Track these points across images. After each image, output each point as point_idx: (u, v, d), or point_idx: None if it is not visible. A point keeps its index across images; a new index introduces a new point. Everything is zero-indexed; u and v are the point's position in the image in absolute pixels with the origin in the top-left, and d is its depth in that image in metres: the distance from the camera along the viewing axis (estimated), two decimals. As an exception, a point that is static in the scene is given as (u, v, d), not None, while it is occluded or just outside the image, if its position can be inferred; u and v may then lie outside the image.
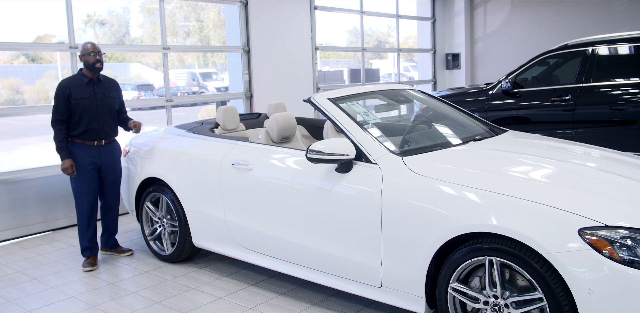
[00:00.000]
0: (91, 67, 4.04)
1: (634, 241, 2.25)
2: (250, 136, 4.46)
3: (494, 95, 6.29)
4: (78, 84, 4.03)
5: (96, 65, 4.05)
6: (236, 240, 3.67)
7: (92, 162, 4.09)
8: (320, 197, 3.11)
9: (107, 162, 4.18)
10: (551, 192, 2.55)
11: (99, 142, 4.12)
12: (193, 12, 20.67)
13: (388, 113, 6.36)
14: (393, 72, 12.51)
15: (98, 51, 4.06)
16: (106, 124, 4.14)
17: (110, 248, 4.42)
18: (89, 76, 4.08)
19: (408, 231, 2.74)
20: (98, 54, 4.05)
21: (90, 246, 4.18)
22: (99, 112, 4.07)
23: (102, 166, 4.16)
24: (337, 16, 10.16)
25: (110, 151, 4.21)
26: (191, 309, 3.36)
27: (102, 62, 4.09)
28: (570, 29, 9.10)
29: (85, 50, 4.03)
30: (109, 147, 4.20)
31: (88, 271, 4.08)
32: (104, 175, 4.21)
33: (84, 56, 4.04)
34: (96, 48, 4.06)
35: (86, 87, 4.04)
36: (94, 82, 4.10)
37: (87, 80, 4.06)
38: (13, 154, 11.22)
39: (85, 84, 4.05)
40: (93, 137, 4.09)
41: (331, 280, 3.16)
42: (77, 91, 3.99)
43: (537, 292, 2.38)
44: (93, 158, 4.09)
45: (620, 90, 5.51)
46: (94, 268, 4.11)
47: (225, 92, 11.65)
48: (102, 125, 4.11)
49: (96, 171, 4.15)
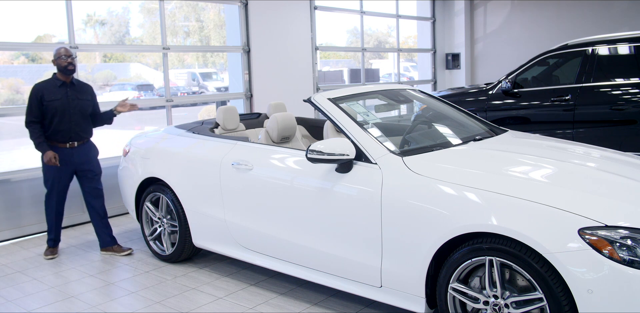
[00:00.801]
0: (63, 69, 4.17)
1: (634, 241, 2.25)
2: (250, 136, 4.46)
3: (494, 95, 6.29)
4: (51, 87, 4.17)
5: (68, 68, 4.18)
6: (236, 240, 3.66)
7: (64, 163, 4.21)
8: (320, 197, 3.11)
9: (81, 163, 4.30)
10: (551, 192, 2.55)
11: (71, 144, 4.25)
12: (193, 12, 20.67)
13: (388, 113, 6.37)
14: (393, 72, 12.51)
15: (70, 55, 4.19)
16: (77, 125, 4.24)
17: (106, 246, 4.45)
18: (62, 79, 4.22)
19: (408, 231, 2.74)
20: (70, 58, 4.17)
21: (54, 238, 4.42)
22: (70, 113, 4.19)
23: (75, 167, 4.29)
24: (337, 16, 10.16)
25: (83, 152, 4.32)
26: (191, 309, 3.36)
27: (74, 64, 4.21)
28: (570, 29, 9.10)
29: (58, 54, 4.18)
30: (82, 148, 4.31)
31: (49, 259, 4.35)
32: (82, 174, 4.34)
33: (56, 60, 4.18)
34: (68, 52, 4.20)
35: (59, 89, 4.18)
36: (67, 85, 4.23)
37: (60, 83, 4.21)
38: (13, 153, 11.21)
39: (58, 86, 4.19)
40: (64, 138, 4.21)
41: (331, 280, 3.16)
42: (50, 94, 4.14)
43: (537, 292, 2.38)
44: (65, 160, 4.22)
45: (620, 90, 5.51)
46: (54, 256, 4.39)
47: (225, 92, 11.65)
48: (73, 127, 4.22)
49: (68, 171, 4.28)
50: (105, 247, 4.45)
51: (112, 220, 5.47)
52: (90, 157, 4.36)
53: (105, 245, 4.45)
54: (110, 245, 4.45)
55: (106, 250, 4.45)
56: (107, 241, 4.45)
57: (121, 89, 17.80)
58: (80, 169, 4.31)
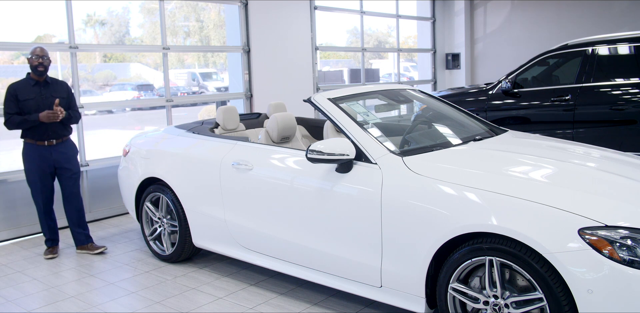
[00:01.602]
0: (33, 69, 4.20)
1: (634, 241, 2.25)
2: (250, 136, 4.46)
3: (494, 95, 6.29)
4: (25, 86, 4.20)
5: (38, 68, 4.19)
6: (236, 240, 3.66)
7: (44, 161, 4.24)
8: (320, 197, 3.11)
9: (60, 161, 4.31)
10: (551, 192, 2.55)
11: (49, 141, 4.26)
12: (193, 12, 20.66)
13: (388, 113, 6.37)
14: (393, 72, 12.51)
15: (42, 55, 4.19)
16: (54, 124, 4.24)
17: (81, 245, 4.49)
18: (35, 78, 4.24)
19: (408, 231, 2.74)
20: (40, 58, 4.18)
21: (50, 238, 4.44)
22: None
23: (55, 165, 4.31)
24: (337, 16, 10.15)
25: (62, 149, 4.33)
26: (191, 309, 3.36)
27: (44, 65, 4.20)
28: (570, 29, 9.10)
29: (31, 52, 4.19)
30: (62, 146, 4.33)
31: (49, 258, 4.35)
32: (60, 173, 4.35)
33: (28, 59, 4.19)
34: (42, 52, 4.20)
35: (32, 88, 4.20)
36: (41, 84, 4.24)
37: (33, 82, 4.23)
38: (13, 153, 11.20)
39: (31, 86, 4.21)
40: (42, 136, 4.23)
41: (331, 280, 3.16)
42: (24, 93, 4.17)
43: (537, 292, 2.38)
44: (45, 158, 4.24)
45: (620, 90, 5.51)
46: (55, 256, 4.38)
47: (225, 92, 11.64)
48: (50, 125, 4.22)
49: (49, 169, 4.30)
50: (80, 245, 4.49)
51: (112, 220, 5.49)
52: (69, 155, 4.37)
53: (80, 244, 4.49)
54: (84, 244, 4.49)
55: (82, 248, 4.49)
56: (82, 240, 4.49)
57: (121, 89, 17.80)
58: (59, 167, 4.32)
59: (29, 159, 4.27)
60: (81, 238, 4.48)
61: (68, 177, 4.37)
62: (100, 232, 5.06)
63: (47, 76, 4.29)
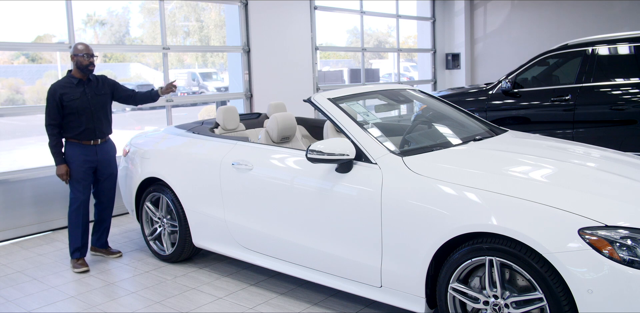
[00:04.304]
0: (84, 68, 4.02)
1: (634, 241, 2.25)
2: (250, 136, 4.46)
3: (494, 95, 6.29)
4: (68, 86, 4.03)
5: (89, 68, 4.04)
6: (236, 240, 3.66)
7: (88, 160, 4.12)
8: (320, 197, 3.11)
9: (102, 161, 4.21)
10: (551, 192, 2.55)
11: (95, 141, 4.14)
12: (193, 12, 20.67)
13: (388, 113, 6.36)
14: (393, 72, 12.51)
15: (92, 54, 4.04)
16: (100, 122, 4.16)
17: (100, 247, 4.42)
18: (78, 77, 4.07)
19: (408, 231, 2.74)
20: (91, 57, 4.03)
21: (80, 246, 4.14)
22: (92, 111, 4.09)
23: (97, 165, 4.19)
24: (337, 16, 10.16)
25: (105, 149, 4.24)
26: (191, 309, 3.36)
27: (94, 64, 4.07)
28: (570, 29, 9.10)
29: (78, 51, 4.00)
30: (105, 146, 4.23)
31: (82, 272, 4.04)
32: (100, 173, 4.24)
33: (76, 57, 4.01)
34: (90, 50, 4.03)
35: (76, 88, 4.04)
36: (84, 83, 4.09)
37: (76, 81, 4.06)
38: (13, 153, 11.21)
39: (75, 85, 4.05)
40: (89, 136, 4.11)
41: (331, 280, 3.16)
42: (69, 93, 4.00)
43: (537, 292, 2.38)
44: (89, 158, 4.12)
45: (620, 90, 5.51)
46: (86, 269, 4.07)
47: (225, 92, 11.65)
48: (97, 125, 4.13)
49: (92, 170, 4.17)
50: (99, 247, 4.40)
51: (112, 220, 5.45)
52: (111, 155, 4.28)
53: (100, 246, 4.40)
54: (103, 248, 4.41)
55: (96, 250, 4.41)
56: (103, 243, 4.41)
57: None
58: (100, 169, 4.20)
59: (73, 159, 4.07)
60: (102, 241, 4.39)
61: (108, 178, 4.26)
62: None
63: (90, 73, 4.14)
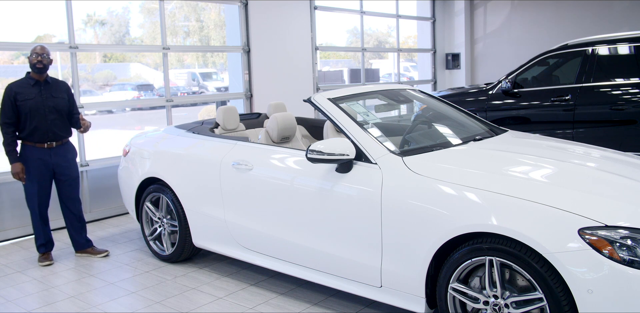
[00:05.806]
0: (32, 67, 4.09)
1: (634, 241, 2.25)
2: (250, 136, 4.46)
3: (494, 95, 6.29)
4: (24, 86, 4.09)
5: (37, 66, 4.07)
6: (236, 240, 3.66)
7: (42, 163, 4.13)
8: (320, 197, 3.11)
9: (59, 164, 4.21)
10: (551, 192, 2.55)
11: (49, 144, 4.15)
12: (193, 12, 20.66)
13: (388, 113, 6.36)
14: (393, 72, 12.51)
15: (41, 53, 4.08)
16: (54, 125, 4.15)
17: (82, 249, 4.42)
18: (35, 78, 4.13)
19: (408, 231, 2.74)
20: (40, 56, 4.07)
21: (44, 243, 4.27)
22: (45, 112, 4.10)
23: (54, 168, 4.20)
24: (337, 16, 10.15)
25: (61, 152, 4.23)
26: (191, 309, 3.36)
27: (43, 63, 4.09)
28: (570, 29, 9.10)
29: (31, 51, 4.09)
30: (61, 149, 4.23)
31: (45, 265, 4.20)
32: (58, 177, 4.24)
33: (28, 57, 4.10)
34: (43, 50, 4.10)
35: (32, 88, 4.09)
36: (41, 84, 4.14)
37: (33, 82, 4.12)
38: (13, 153, 11.21)
39: (31, 85, 4.10)
40: (42, 138, 4.12)
41: (331, 280, 3.16)
42: (23, 93, 4.05)
43: (537, 292, 2.38)
44: (44, 161, 4.14)
45: (620, 90, 5.51)
46: (51, 263, 4.23)
47: (225, 92, 11.65)
48: (50, 127, 4.13)
49: (48, 172, 4.18)
50: (81, 249, 4.42)
51: (112, 220, 5.49)
52: (68, 158, 4.26)
53: (80, 248, 4.41)
54: (85, 248, 4.42)
55: (82, 252, 4.42)
56: (82, 243, 4.42)
57: (121, 89, 17.80)
58: (58, 172, 4.21)
59: (28, 158, 4.13)
60: (81, 242, 4.41)
61: (67, 182, 4.27)
62: (100, 232, 5.06)
63: (48, 76, 4.18)
